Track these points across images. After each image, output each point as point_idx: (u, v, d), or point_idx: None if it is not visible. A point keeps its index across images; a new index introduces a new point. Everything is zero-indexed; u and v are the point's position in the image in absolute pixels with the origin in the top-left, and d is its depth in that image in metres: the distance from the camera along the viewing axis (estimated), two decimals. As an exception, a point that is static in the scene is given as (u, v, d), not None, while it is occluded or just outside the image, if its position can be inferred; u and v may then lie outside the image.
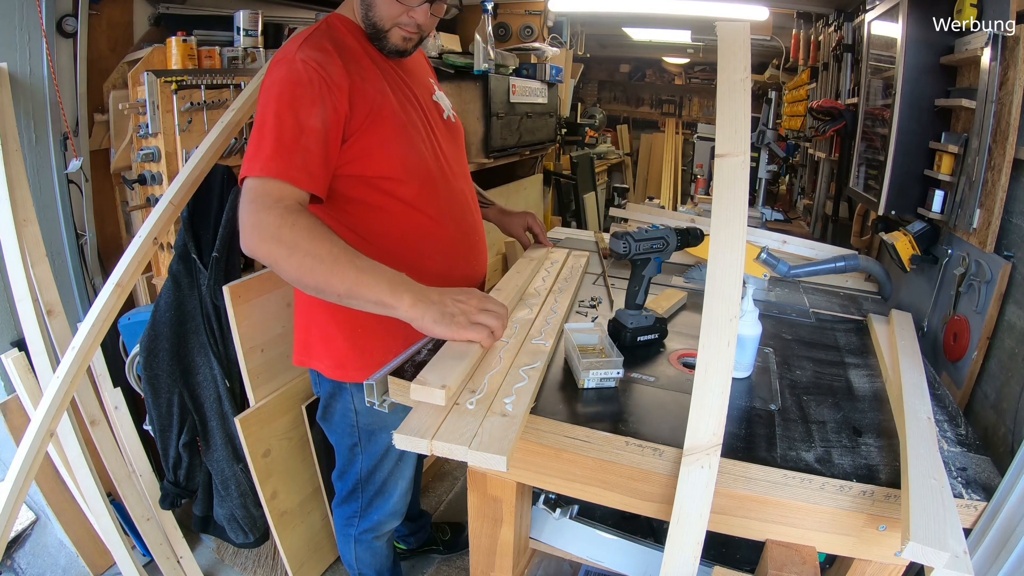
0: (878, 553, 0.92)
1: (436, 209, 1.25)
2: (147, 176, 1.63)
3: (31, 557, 1.79)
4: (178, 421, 1.59)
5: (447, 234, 1.28)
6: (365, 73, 1.13)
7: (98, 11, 1.81)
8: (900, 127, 1.60)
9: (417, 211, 1.22)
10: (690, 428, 0.87)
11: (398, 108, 1.18)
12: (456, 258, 1.31)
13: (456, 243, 1.31)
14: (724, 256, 0.91)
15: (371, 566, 1.58)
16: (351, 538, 1.51)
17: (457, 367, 0.96)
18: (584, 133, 5.25)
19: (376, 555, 1.57)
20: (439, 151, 1.27)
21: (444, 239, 1.28)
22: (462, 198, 1.33)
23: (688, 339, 1.29)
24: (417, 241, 1.24)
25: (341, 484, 1.48)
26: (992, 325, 1.25)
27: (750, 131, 0.93)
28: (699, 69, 7.10)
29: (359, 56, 1.15)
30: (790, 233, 1.87)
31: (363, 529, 1.49)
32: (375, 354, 1.23)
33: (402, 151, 1.18)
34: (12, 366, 1.56)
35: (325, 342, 1.29)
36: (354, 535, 1.50)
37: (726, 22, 0.97)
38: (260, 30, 1.88)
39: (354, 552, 1.54)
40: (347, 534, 1.52)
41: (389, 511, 1.47)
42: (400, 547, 1.94)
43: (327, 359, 1.30)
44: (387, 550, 1.60)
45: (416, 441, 0.84)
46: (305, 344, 1.32)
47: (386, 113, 1.14)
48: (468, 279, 1.35)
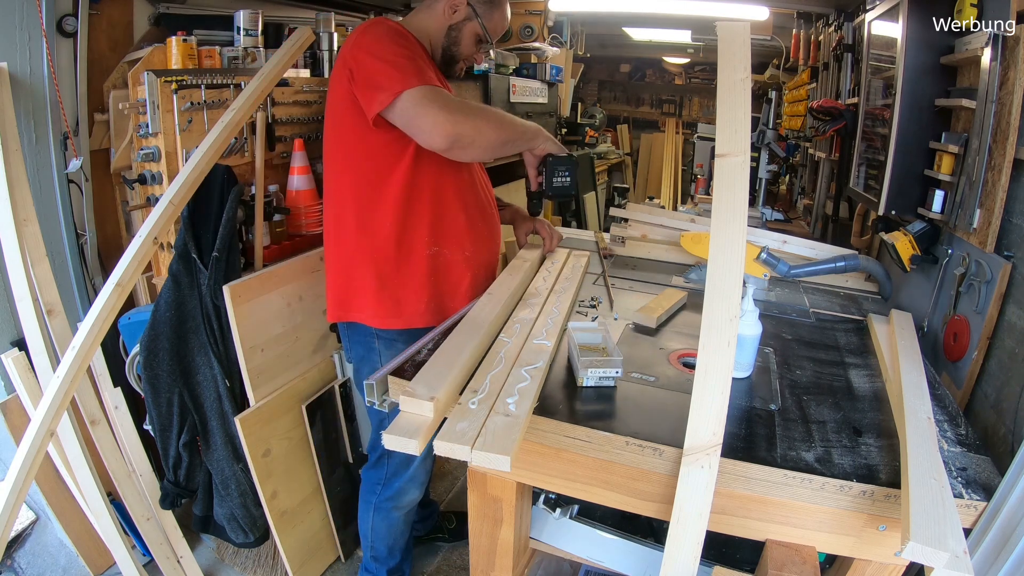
0: (878, 553, 0.92)
1: (464, 188, 1.44)
2: (147, 176, 1.63)
3: (31, 557, 1.79)
4: (178, 421, 1.59)
5: (470, 211, 1.46)
6: (427, 59, 1.39)
7: (98, 11, 1.81)
8: (900, 127, 1.60)
9: (452, 183, 1.41)
10: (690, 428, 0.87)
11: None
12: (478, 232, 1.48)
13: (477, 221, 1.47)
14: (724, 256, 0.91)
15: (384, 539, 1.63)
16: (371, 505, 1.59)
17: (449, 374, 0.96)
18: (584, 133, 5.25)
19: (392, 528, 1.62)
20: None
21: (469, 212, 1.45)
22: (484, 185, 1.54)
23: (688, 339, 1.29)
24: (449, 199, 1.42)
25: (374, 453, 1.59)
26: (992, 325, 1.25)
27: (750, 131, 0.94)
28: (699, 69, 7.10)
29: (419, 47, 1.39)
30: (790, 233, 1.87)
31: (385, 496, 1.57)
32: (408, 305, 1.41)
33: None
34: (12, 366, 1.55)
35: (365, 293, 1.42)
36: (375, 502, 1.58)
37: (726, 22, 0.97)
38: (260, 30, 1.88)
39: (371, 521, 1.61)
40: (368, 501, 1.60)
41: (409, 477, 1.55)
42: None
43: (367, 309, 1.42)
44: (403, 526, 1.65)
45: (405, 441, 0.85)
46: (343, 299, 1.45)
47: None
48: (490, 251, 1.55)
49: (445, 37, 1.41)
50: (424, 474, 1.59)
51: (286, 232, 1.77)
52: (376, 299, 1.41)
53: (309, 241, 1.79)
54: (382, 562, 1.67)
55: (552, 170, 1.43)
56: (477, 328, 1.17)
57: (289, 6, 2.38)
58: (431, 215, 1.38)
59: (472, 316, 1.22)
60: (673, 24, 4.31)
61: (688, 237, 1.80)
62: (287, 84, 1.78)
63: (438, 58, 1.44)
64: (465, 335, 1.14)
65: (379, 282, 1.40)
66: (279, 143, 1.76)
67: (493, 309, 1.26)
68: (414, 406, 0.90)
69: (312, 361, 1.78)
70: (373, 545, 1.64)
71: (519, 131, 1.38)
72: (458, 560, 1.97)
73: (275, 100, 1.74)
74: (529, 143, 1.41)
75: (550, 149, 1.43)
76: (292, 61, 1.72)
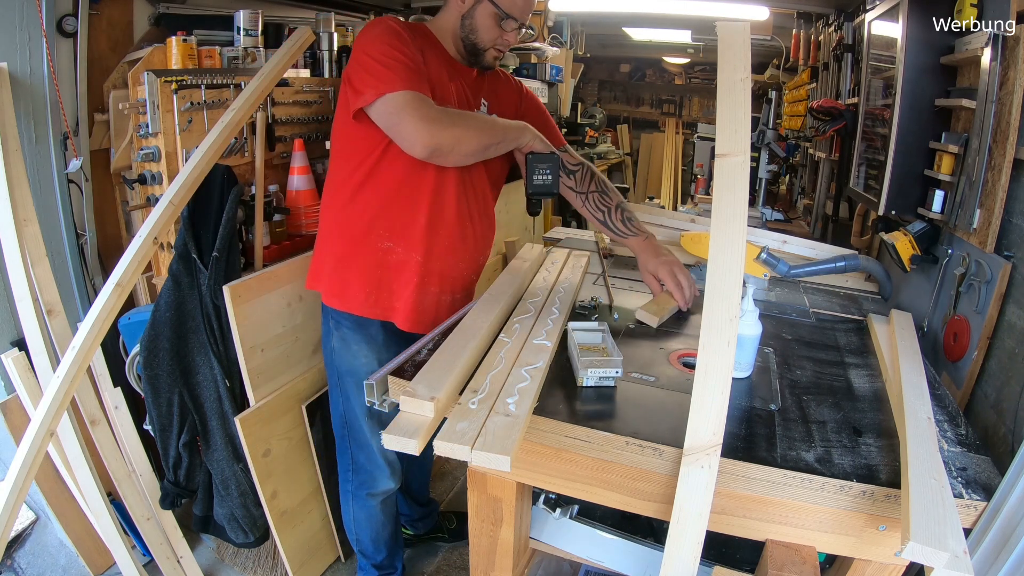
0: (878, 553, 0.92)
1: (440, 192, 1.40)
2: (147, 176, 1.63)
3: (31, 557, 1.79)
4: (178, 421, 1.59)
5: (440, 216, 1.42)
6: (429, 58, 1.35)
7: (98, 11, 1.81)
8: (900, 127, 1.60)
9: (424, 185, 1.38)
10: (690, 428, 0.87)
11: (450, 100, 1.37)
12: (442, 238, 1.44)
13: (443, 228, 1.43)
14: (724, 256, 0.91)
15: (366, 530, 1.64)
16: (349, 495, 1.61)
17: (450, 374, 0.96)
18: (584, 133, 5.26)
19: (372, 520, 1.63)
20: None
21: (437, 217, 1.41)
22: (475, 195, 1.48)
23: (688, 339, 1.29)
24: (416, 200, 1.39)
25: (336, 435, 1.60)
26: (992, 325, 1.25)
27: (750, 131, 0.93)
28: (699, 69, 7.10)
29: (429, 48, 1.37)
30: (790, 233, 1.87)
31: (357, 484, 1.59)
32: (350, 288, 1.43)
33: None
34: (12, 366, 1.55)
35: (324, 268, 1.47)
36: (351, 491, 1.60)
37: (726, 22, 0.97)
38: (260, 30, 1.88)
39: (352, 512, 1.63)
40: (345, 491, 1.62)
41: (375, 463, 1.55)
42: (408, 532, 1.97)
43: (321, 284, 1.48)
44: (383, 517, 1.65)
45: (405, 441, 0.85)
46: (313, 269, 1.51)
47: (437, 93, 1.33)
48: (460, 261, 1.49)
49: (462, 28, 1.39)
50: (387, 464, 1.57)
51: (286, 232, 1.77)
52: (329, 276, 1.46)
53: (309, 241, 1.79)
54: (369, 557, 1.68)
55: (532, 167, 1.39)
56: (477, 328, 1.17)
57: (289, 6, 2.38)
58: (393, 211, 1.39)
59: (472, 316, 1.23)
60: (673, 24, 4.31)
61: (688, 237, 1.80)
62: (287, 84, 1.78)
63: (463, 52, 1.42)
64: (465, 335, 1.14)
65: (335, 261, 1.45)
66: (279, 143, 1.77)
67: (493, 309, 1.26)
68: (414, 406, 0.90)
69: (312, 361, 1.78)
70: (358, 538, 1.66)
71: (502, 133, 1.36)
72: (458, 560, 1.97)
73: (275, 100, 1.74)
74: (515, 142, 1.38)
75: (534, 146, 1.40)
76: (292, 61, 1.72)
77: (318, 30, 1.97)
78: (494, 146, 1.35)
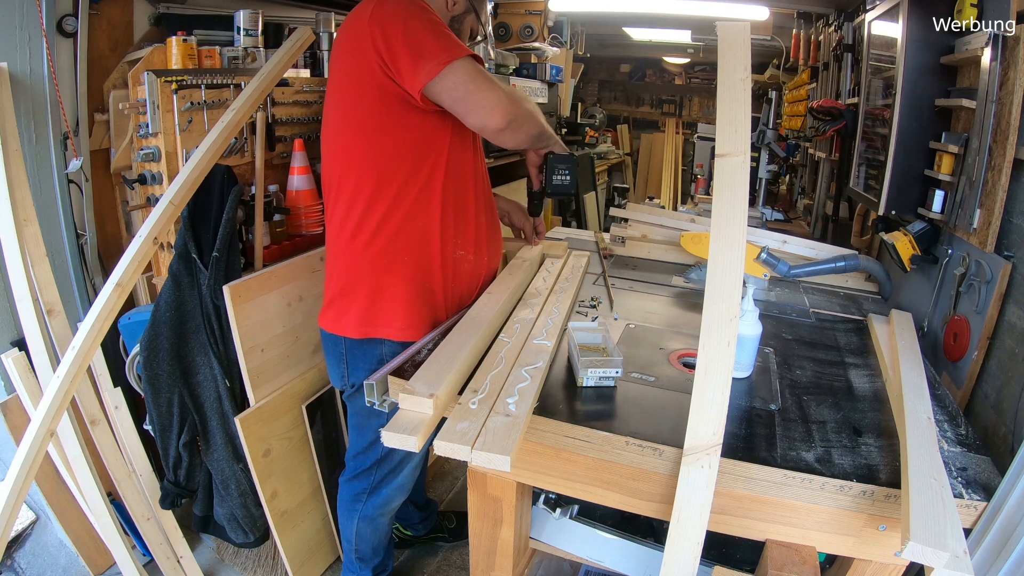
0: (878, 553, 0.92)
1: (474, 180, 1.37)
2: (147, 176, 1.63)
3: (31, 557, 1.79)
4: (178, 421, 1.59)
5: (476, 207, 1.38)
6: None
7: (98, 11, 1.81)
8: (900, 127, 1.60)
9: (465, 170, 1.33)
10: (690, 428, 0.87)
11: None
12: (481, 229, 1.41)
13: (491, 220, 1.44)
14: (724, 256, 0.91)
15: (369, 542, 1.62)
16: (356, 514, 1.56)
17: (449, 373, 0.96)
18: (584, 133, 5.25)
19: (377, 531, 1.61)
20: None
21: (475, 210, 1.38)
22: (488, 186, 1.48)
23: (688, 339, 1.29)
24: (462, 189, 1.33)
25: (356, 463, 1.53)
26: (992, 325, 1.25)
27: (750, 131, 0.94)
28: (699, 69, 7.10)
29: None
30: (790, 233, 1.87)
31: (373, 505, 1.55)
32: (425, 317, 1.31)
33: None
34: (12, 366, 1.55)
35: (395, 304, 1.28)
36: (360, 511, 1.56)
37: (726, 22, 0.97)
38: (260, 30, 1.88)
39: (356, 527, 1.59)
40: (353, 509, 1.57)
41: (398, 485, 1.52)
42: (408, 533, 1.97)
43: (395, 324, 1.29)
44: (388, 527, 1.65)
45: (404, 438, 0.85)
46: (371, 312, 1.29)
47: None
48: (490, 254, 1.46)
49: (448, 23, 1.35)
50: (412, 482, 1.57)
51: (286, 232, 1.77)
52: (390, 311, 1.27)
53: (309, 241, 1.79)
54: (367, 562, 1.67)
55: (552, 167, 1.43)
56: (477, 328, 1.17)
57: (289, 6, 2.38)
58: (459, 213, 1.30)
59: (472, 316, 1.22)
60: (673, 24, 4.32)
61: (688, 237, 1.80)
62: (287, 84, 1.78)
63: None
64: (465, 335, 1.14)
65: (416, 289, 1.27)
66: (279, 143, 1.76)
67: (493, 309, 1.26)
68: (413, 403, 0.90)
69: (312, 361, 1.78)
70: (358, 548, 1.63)
71: (546, 129, 1.35)
72: (458, 560, 1.97)
73: (275, 100, 1.74)
74: (546, 142, 1.39)
75: (552, 147, 1.43)
76: (292, 61, 1.72)
77: (318, 30, 1.97)
78: (540, 138, 1.34)
